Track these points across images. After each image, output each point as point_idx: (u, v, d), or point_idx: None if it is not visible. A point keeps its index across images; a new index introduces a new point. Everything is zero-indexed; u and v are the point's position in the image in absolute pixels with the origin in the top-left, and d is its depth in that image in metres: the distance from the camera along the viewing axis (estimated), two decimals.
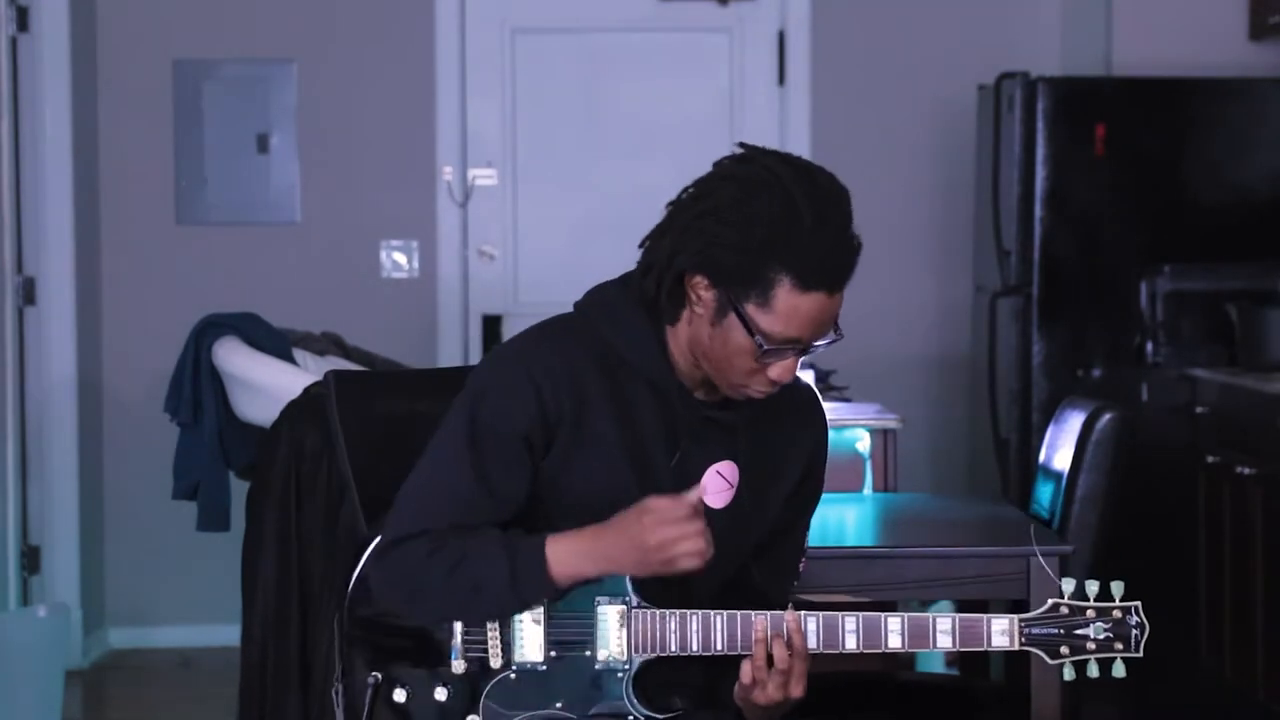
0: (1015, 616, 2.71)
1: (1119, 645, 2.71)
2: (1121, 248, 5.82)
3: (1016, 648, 2.72)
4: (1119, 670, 2.71)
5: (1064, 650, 2.71)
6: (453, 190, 6.70)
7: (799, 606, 2.77)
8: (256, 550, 3.11)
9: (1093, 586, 2.73)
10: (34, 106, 6.23)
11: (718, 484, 2.80)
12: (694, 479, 2.76)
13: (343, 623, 2.82)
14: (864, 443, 4.61)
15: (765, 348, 2.65)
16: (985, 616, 2.72)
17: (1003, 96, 5.96)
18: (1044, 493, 3.85)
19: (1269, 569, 4.98)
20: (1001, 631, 2.72)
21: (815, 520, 3.00)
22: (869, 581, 3.35)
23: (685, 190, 2.71)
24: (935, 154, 6.71)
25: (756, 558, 2.85)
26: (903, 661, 5.47)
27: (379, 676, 2.79)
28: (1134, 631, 2.71)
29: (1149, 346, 5.73)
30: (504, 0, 6.70)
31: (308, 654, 3.01)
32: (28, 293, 6.27)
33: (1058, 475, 3.75)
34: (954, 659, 5.68)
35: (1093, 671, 2.73)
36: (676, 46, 6.75)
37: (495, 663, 2.76)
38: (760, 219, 2.62)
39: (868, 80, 6.72)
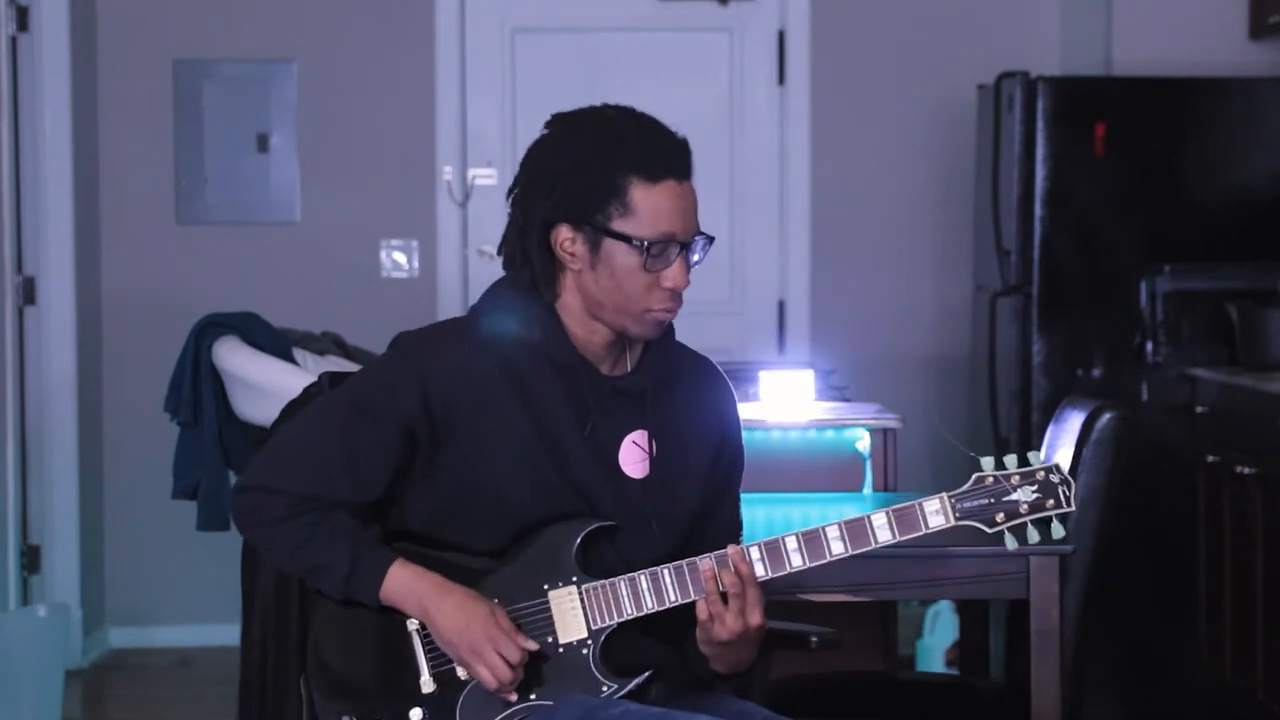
0: (944, 494, 2.80)
1: (1050, 503, 2.78)
2: (1121, 248, 5.82)
3: (952, 523, 2.80)
4: (1058, 531, 2.78)
5: (999, 518, 2.79)
6: (453, 190, 6.70)
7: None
8: (256, 550, 3.11)
9: (1011, 459, 2.80)
10: (34, 106, 6.23)
11: (635, 454, 2.84)
12: (608, 449, 2.81)
13: (308, 681, 2.86)
14: (864, 442, 4.61)
15: (647, 246, 2.72)
16: (916, 502, 2.80)
17: (1003, 96, 5.96)
18: None
19: (1269, 569, 4.98)
20: (935, 511, 2.81)
21: (816, 520, 3.00)
22: (869, 581, 3.35)
23: (519, 173, 2.83)
24: (935, 154, 6.71)
25: (695, 535, 2.86)
26: (903, 661, 5.48)
27: (353, 718, 2.81)
28: (1061, 488, 2.79)
29: (1149, 346, 5.73)
30: (504, 0, 6.71)
31: (308, 654, 3.01)
32: (28, 293, 6.27)
33: None
34: (954, 659, 5.68)
35: (1033, 537, 2.80)
36: (676, 46, 6.75)
37: (462, 673, 2.79)
38: (586, 142, 2.77)
39: (868, 80, 6.72)
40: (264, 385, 4.90)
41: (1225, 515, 5.24)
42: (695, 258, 2.78)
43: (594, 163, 2.74)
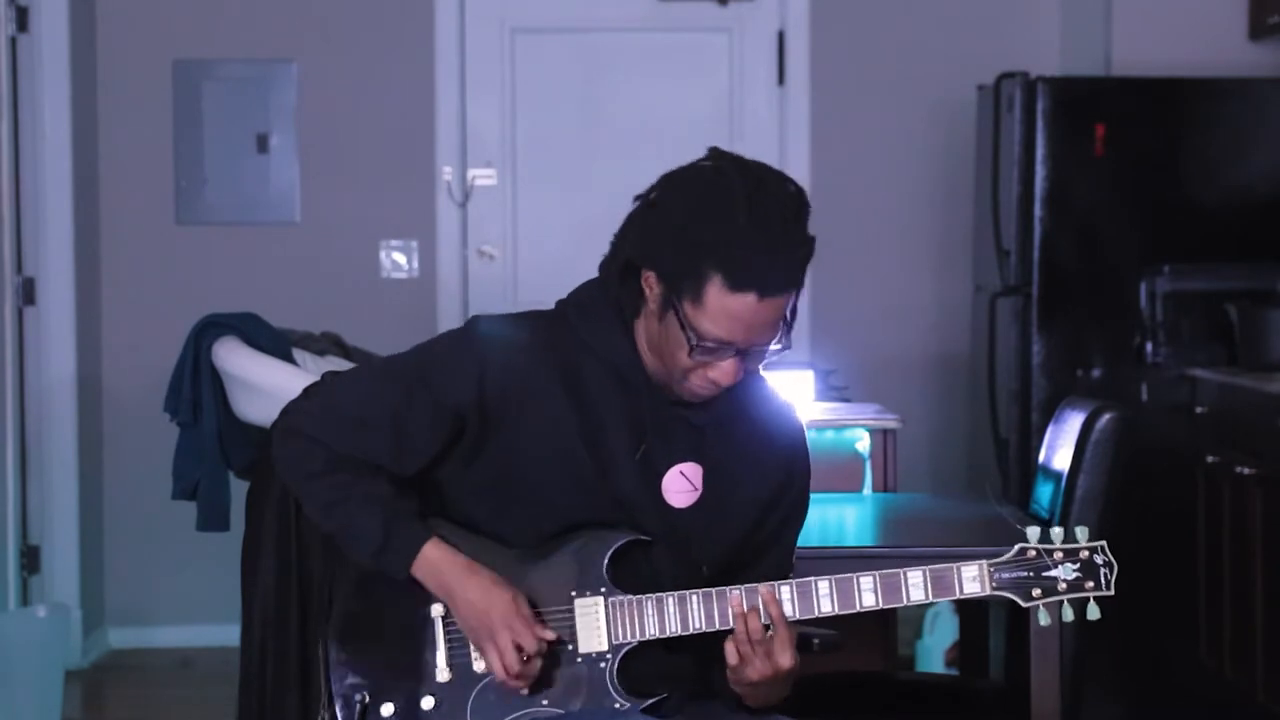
0: (984, 561, 2.73)
1: (1090, 584, 2.72)
2: (1121, 248, 5.82)
3: (988, 593, 2.73)
4: (1094, 612, 2.72)
5: (1035, 593, 2.73)
6: (452, 190, 6.70)
7: None
8: (256, 550, 3.11)
9: (1057, 531, 2.74)
10: (34, 106, 6.23)
11: (680, 484, 2.80)
12: (655, 474, 2.78)
13: (327, 652, 2.84)
14: (864, 443, 4.61)
15: (695, 344, 2.66)
16: (954, 565, 2.73)
17: (1002, 96, 5.96)
18: (1044, 493, 3.85)
19: (1269, 569, 4.98)
20: (972, 578, 2.73)
21: (815, 520, 2.99)
22: None
23: (651, 186, 2.76)
24: (935, 154, 6.71)
25: (736, 573, 2.82)
26: (903, 661, 5.48)
27: (366, 696, 2.80)
28: (1103, 570, 2.73)
29: (1149, 346, 5.73)
30: (504, 0, 6.71)
31: (308, 654, 3.01)
32: (28, 293, 6.27)
33: (1058, 475, 3.75)
34: (954, 659, 5.68)
35: (1067, 615, 2.74)
36: (676, 46, 6.75)
37: (479, 667, 2.78)
38: (698, 216, 2.66)
39: (867, 80, 6.72)
40: (264, 386, 4.90)
41: (1225, 515, 5.25)
42: (758, 363, 2.72)
43: (689, 242, 2.65)
